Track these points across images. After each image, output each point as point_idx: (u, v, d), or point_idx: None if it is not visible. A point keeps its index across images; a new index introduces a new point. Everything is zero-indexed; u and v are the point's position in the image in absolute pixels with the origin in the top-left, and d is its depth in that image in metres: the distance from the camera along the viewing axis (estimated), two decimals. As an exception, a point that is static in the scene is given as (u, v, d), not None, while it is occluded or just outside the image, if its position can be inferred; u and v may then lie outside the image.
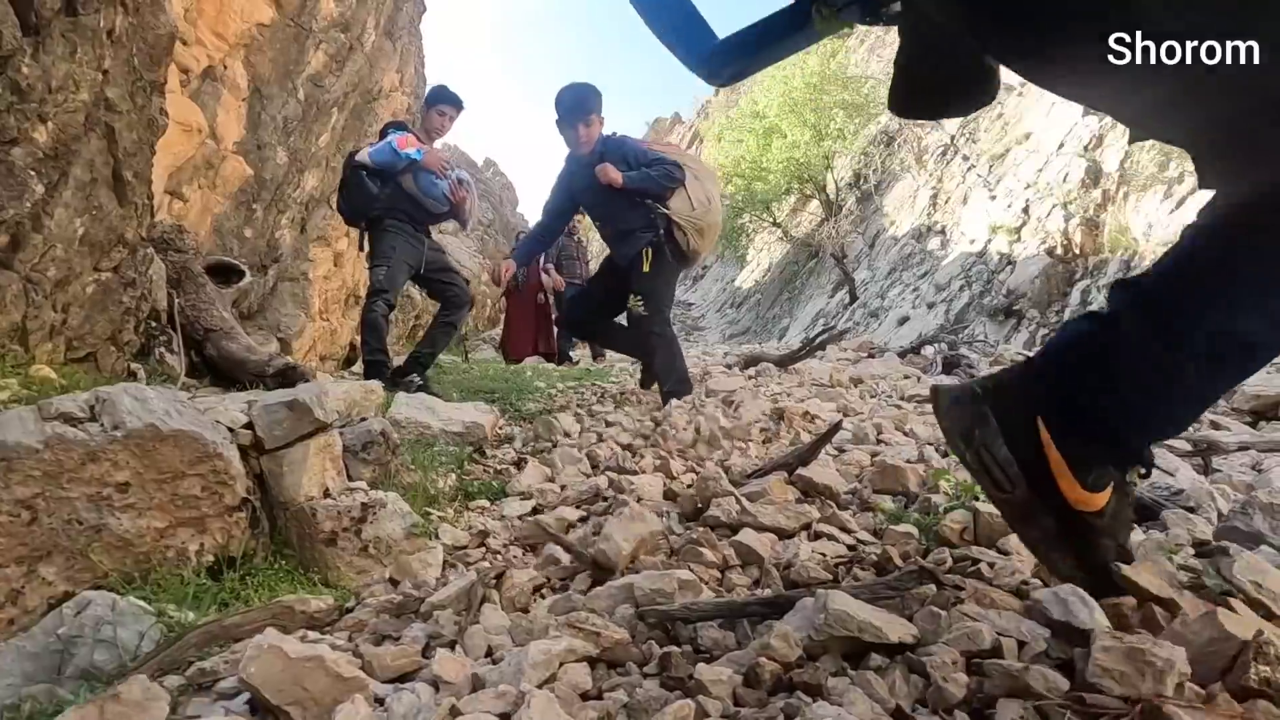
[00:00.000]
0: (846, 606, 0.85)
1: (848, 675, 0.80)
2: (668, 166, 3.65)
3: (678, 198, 3.62)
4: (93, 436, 1.24)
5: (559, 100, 3.72)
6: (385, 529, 1.53)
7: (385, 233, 4.27)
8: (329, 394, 1.64)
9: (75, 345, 2.91)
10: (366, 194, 4.22)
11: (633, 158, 3.69)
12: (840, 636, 0.83)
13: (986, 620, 0.87)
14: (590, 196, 3.76)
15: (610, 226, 3.77)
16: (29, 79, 2.10)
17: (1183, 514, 1.42)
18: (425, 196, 4.34)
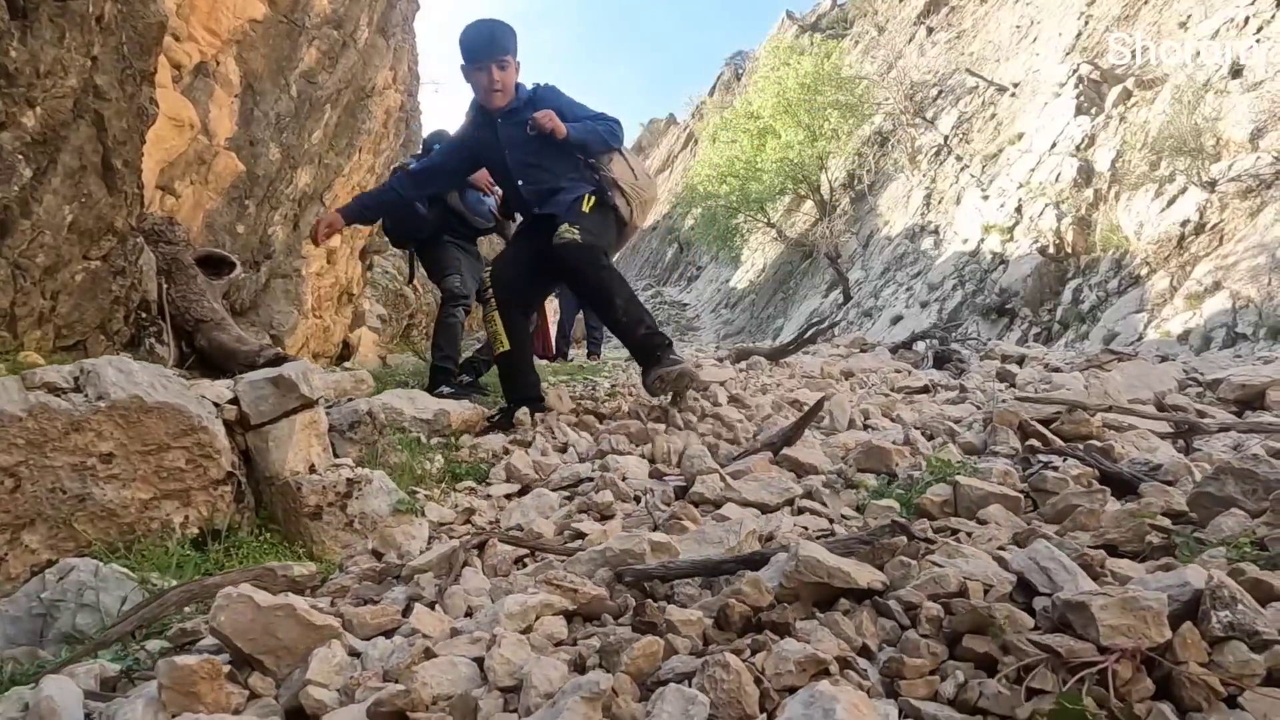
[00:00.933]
0: (816, 554, 0.86)
1: (816, 618, 0.82)
2: (610, 123, 3.29)
3: (618, 163, 3.29)
4: (76, 406, 1.25)
5: (464, 40, 3.17)
6: (371, 504, 1.54)
7: (444, 246, 4.25)
8: (311, 368, 1.64)
9: (64, 333, 2.91)
10: (414, 216, 4.09)
11: (568, 110, 3.26)
12: (810, 583, 0.84)
13: (954, 566, 0.88)
14: (515, 153, 3.22)
15: (536, 185, 3.27)
16: (16, 63, 2.11)
17: (1159, 486, 1.43)
18: (472, 214, 4.31)
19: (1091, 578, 0.84)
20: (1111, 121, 13.34)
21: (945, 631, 0.76)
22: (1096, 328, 10.47)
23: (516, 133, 3.16)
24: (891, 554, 0.95)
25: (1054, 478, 1.48)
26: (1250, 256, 8.90)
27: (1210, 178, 10.09)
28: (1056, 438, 1.99)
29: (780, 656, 0.70)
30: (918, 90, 21.82)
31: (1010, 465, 1.64)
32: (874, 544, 0.97)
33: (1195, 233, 10.01)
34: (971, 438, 2.06)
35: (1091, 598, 0.71)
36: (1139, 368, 3.52)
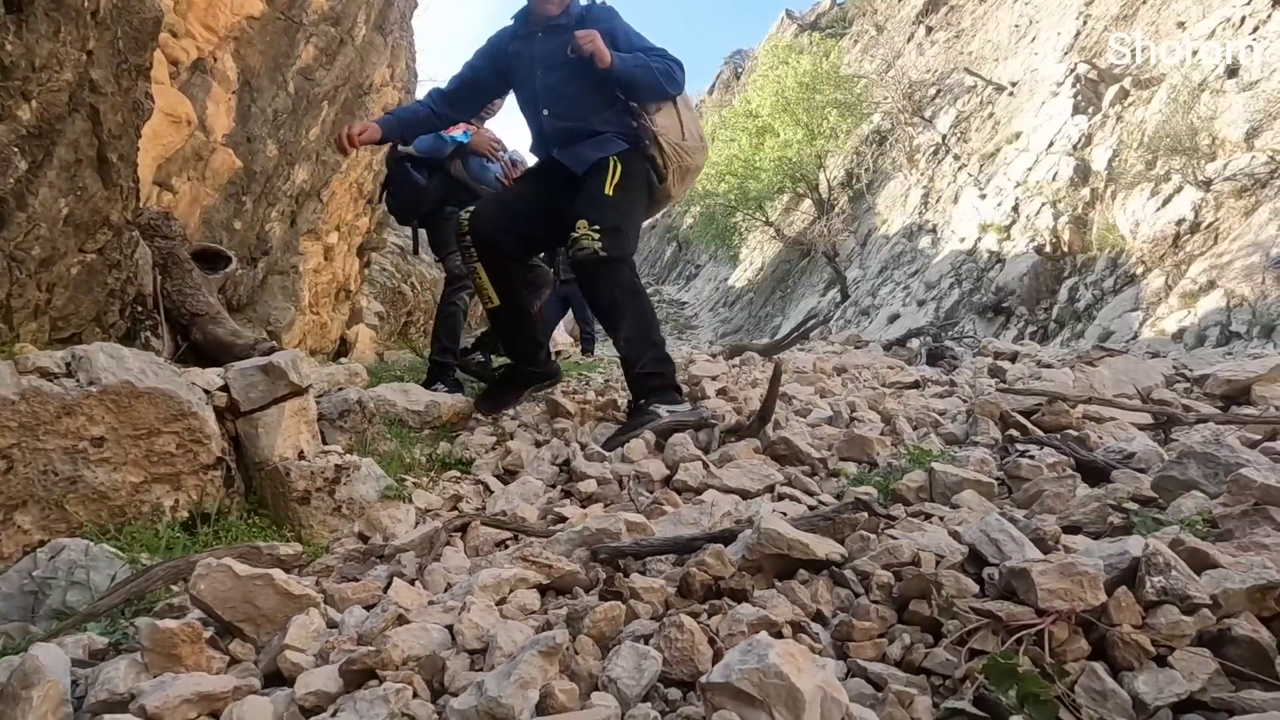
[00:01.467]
0: (777, 526, 0.89)
1: (775, 587, 0.85)
2: (670, 63, 2.70)
3: (667, 115, 2.73)
4: (68, 390, 1.28)
5: None
6: (359, 490, 1.57)
7: (446, 222, 3.78)
8: (300, 356, 1.68)
9: (60, 325, 2.93)
10: (414, 187, 3.90)
11: (623, 38, 2.70)
12: (772, 554, 0.87)
13: (910, 539, 0.91)
14: (547, 75, 2.71)
15: (564, 120, 2.74)
16: (12, 56, 2.14)
17: (1131, 473, 1.46)
18: (477, 183, 3.92)
19: (1043, 551, 0.87)
20: (1108, 121, 13.37)
21: (894, 598, 0.79)
22: (1092, 326, 10.50)
23: (555, 50, 2.62)
24: (852, 529, 0.98)
25: (1028, 465, 1.51)
26: (1244, 255, 8.93)
27: (1206, 177, 10.12)
28: (1036, 428, 2.03)
29: (734, 619, 0.73)
30: (916, 89, 21.85)
31: (988, 454, 1.67)
32: (835, 519, 1.00)
33: (1190, 231, 10.04)
34: (954, 429, 2.09)
35: (1033, 564, 0.74)
36: (1127, 363, 3.55)
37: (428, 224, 4.07)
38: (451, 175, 3.93)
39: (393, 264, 15.34)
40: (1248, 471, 1.02)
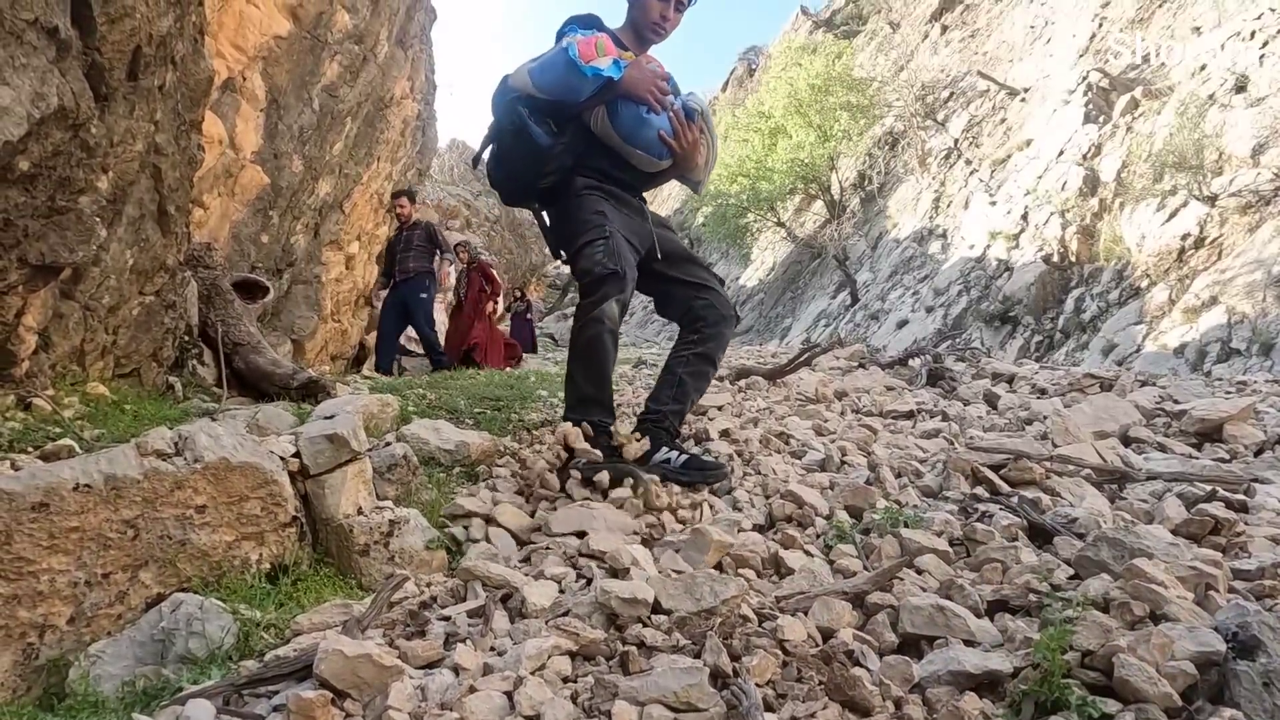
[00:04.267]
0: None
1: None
2: None
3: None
4: (179, 469, 1.54)
5: None
6: (408, 541, 1.84)
7: (581, 197, 2.60)
8: (360, 425, 1.94)
9: (122, 362, 3.22)
10: (533, 150, 2.56)
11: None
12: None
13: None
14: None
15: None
16: (96, 138, 2.40)
17: (1069, 539, 1.71)
18: (629, 145, 2.62)
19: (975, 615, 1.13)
20: (1118, 131, 13.50)
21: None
22: (1097, 338, 10.69)
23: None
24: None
25: (982, 530, 1.76)
26: (1247, 272, 9.09)
27: (1211, 192, 10.27)
28: (1004, 483, 2.27)
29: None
30: (929, 92, 21.94)
31: (951, 515, 1.92)
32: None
33: (1195, 246, 10.20)
34: (931, 480, 2.34)
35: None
36: (1107, 401, 3.78)
37: (552, 205, 2.74)
38: (592, 133, 2.64)
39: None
40: (1140, 561, 1.27)
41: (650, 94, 2.51)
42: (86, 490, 1.44)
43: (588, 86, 2.49)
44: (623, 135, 2.62)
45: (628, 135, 2.62)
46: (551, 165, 2.61)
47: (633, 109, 2.56)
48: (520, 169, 2.67)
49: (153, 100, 2.73)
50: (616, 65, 2.51)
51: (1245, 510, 2.30)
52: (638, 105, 2.55)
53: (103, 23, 2.22)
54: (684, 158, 2.69)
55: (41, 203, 2.29)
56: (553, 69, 2.51)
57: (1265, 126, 10.29)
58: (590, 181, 2.65)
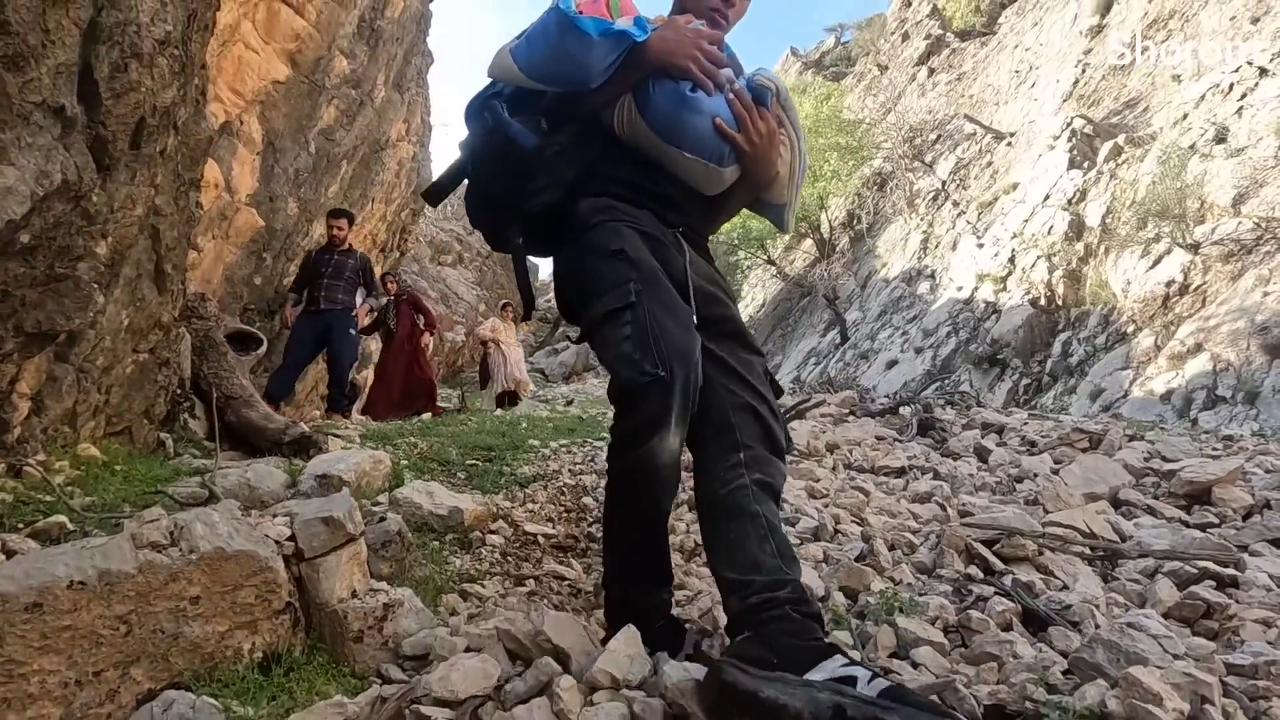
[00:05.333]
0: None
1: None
2: None
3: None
4: (174, 560, 1.54)
5: None
6: (402, 625, 1.83)
7: (592, 230, 1.70)
8: (355, 506, 1.93)
9: (114, 421, 3.20)
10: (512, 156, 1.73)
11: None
12: None
13: None
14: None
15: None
16: (97, 206, 2.42)
17: (1064, 631, 1.72)
18: (670, 144, 1.72)
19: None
20: (1103, 177, 13.74)
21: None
22: (1084, 382, 10.78)
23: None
24: None
25: (978, 618, 1.77)
26: (1230, 320, 9.22)
27: (1194, 240, 10.45)
28: (998, 559, 2.28)
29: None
30: (916, 134, 22.31)
31: (946, 600, 1.92)
32: None
33: (1179, 293, 10.35)
34: (925, 556, 2.35)
35: None
36: (1096, 461, 3.81)
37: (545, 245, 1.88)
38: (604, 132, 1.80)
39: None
40: (1136, 670, 1.28)
41: (695, 60, 1.65)
42: (80, 587, 1.43)
43: (599, 55, 1.61)
44: (660, 129, 1.69)
45: (666, 127, 1.69)
46: (540, 178, 1.72)
47: (670, 89, 1.67)
48: (497, 189, 1.76)
49: (154, 165, 2.76)
50: (640, 24, 1.69)
51: (1236, 586, 2.32)
52: (677, 82, 1.67)
53: (108, 97, 2.24)
54: (756, 158, 1.73)
55: (40, 272, 2.30)
56: (543, 38, 1.66)
57: (1245, 177, 10.51)
58: (605, 201, 1.71)
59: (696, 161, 1.72)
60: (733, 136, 1.70)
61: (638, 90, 1.71)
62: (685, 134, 1.70)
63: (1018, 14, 24.89)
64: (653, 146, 1.74)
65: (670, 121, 1.70)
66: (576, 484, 3.91)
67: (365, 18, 8.27)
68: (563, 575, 2.42)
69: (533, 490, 3.75)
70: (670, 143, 1.71)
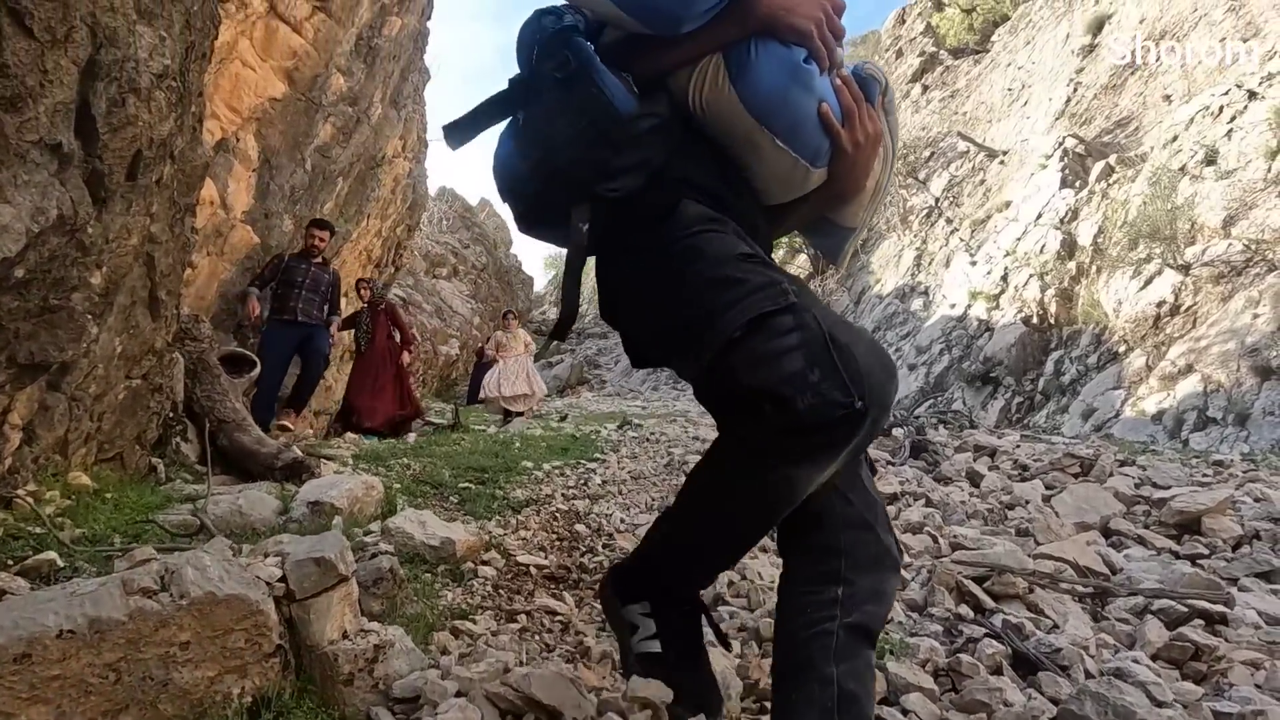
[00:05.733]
0: None
1: None
2: None
3: None
4: (165, 606, 1.53)
5: None
6: (393, 666, 1.82)
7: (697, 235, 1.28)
8: (347, 545, 1.93)
9: (105, 448, 3.19)
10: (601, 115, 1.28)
11: None
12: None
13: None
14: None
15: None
16: (92, 237, 2.42)
17: (1052, 676, 1.73)
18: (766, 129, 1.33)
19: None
20: (1094, 197, 13.84)
21: None
22: (1076, 402, 10.81)
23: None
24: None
25: (968, 662, 1.77)
26: (1221, 341, 9.28)
27: (1185, 261, 10.52)
28: (988, 597, 2.29)
29: None
30: (910, 150, 22.44)
31: (936, 642, 1.93)
32: None
33: (1170, 314, 10.42)
34: (916, 593, 2.36)
35: None
36: (1087, 490, 3.83)
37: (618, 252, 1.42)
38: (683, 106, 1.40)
39: (395, 315, 15.64)
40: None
41: (819, 24, 1.32)
42: (70, 636, 1.42)
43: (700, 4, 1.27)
44: (756, 104, 1.32)
45: (766, 103, 1.31)
46: (628, 155, 1.32)
47: (781, 55, 1.31)
48: (567, 156, 1.32)
49: (150, 195, 2.76)
50: None
51: (1225, 623, 2.33)
52: (789, 48, 1.31)
53: (105, 132, 2.25)
54: (853, 164, 1.39)
55: (34, 304, 2.30)
56: None
57: (1235, 199, 10.61)
58: (707, 210, 1.33)
59: (786, 154, 1.35)
60: (838, 131, 1.35)
61: (732, 51, 1.31)
62: (786, 116, 1.32)
63: (1010, 33, 25.13)
64: (737, 129, 1.34)
65: (773, 97, 1.31)
66: (569, 509, 3.91)
67: (363, 36, 8.32)
68: (554, 610, 2.41)
69: (525, 516, 3.76)
70: (765, 124, 1.32)
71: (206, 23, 2.95)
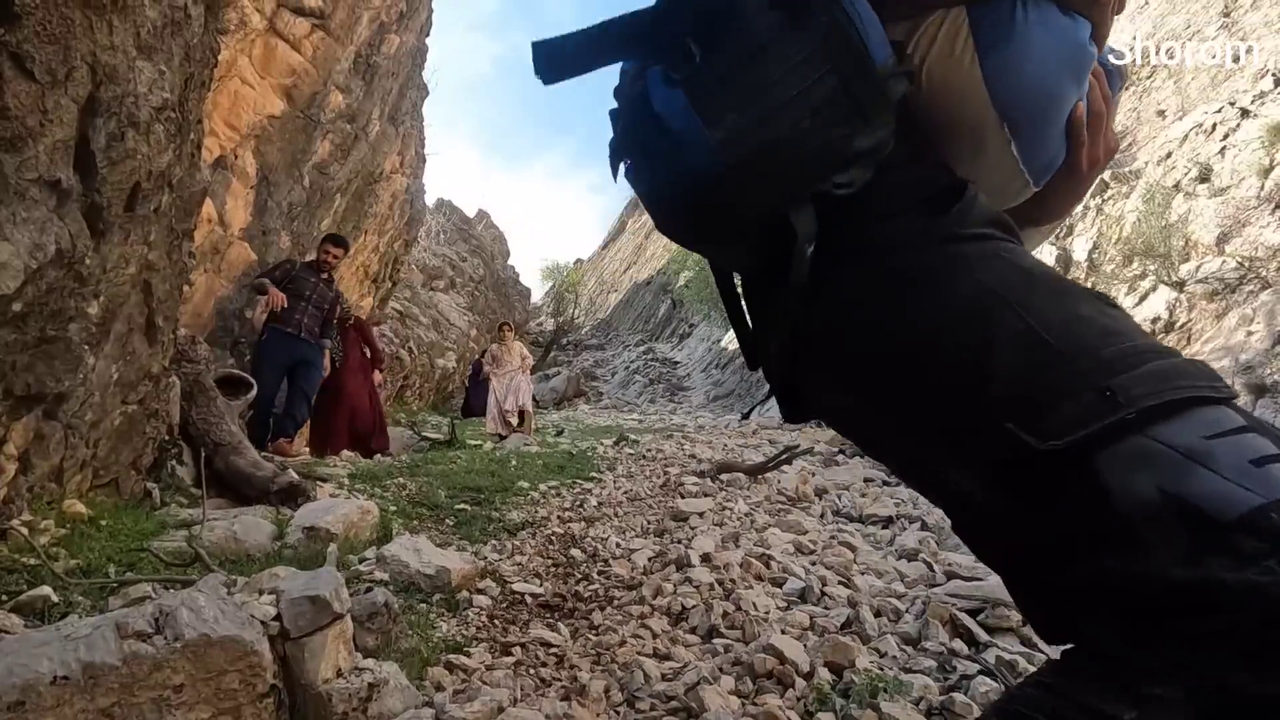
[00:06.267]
0: None
1: None
2: None
3: None
4: (159, 650, 1.54)
5: None
6: (387, 705, 1.83)
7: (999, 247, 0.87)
8: (342, 583, 1.94)
9: (100, 474, 3.19)
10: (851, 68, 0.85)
11: None
12: None
13: None
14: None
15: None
16: (90, 268, 2.43)
17: (1045, 717, 1.74)
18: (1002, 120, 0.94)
19: None
20: (1089, 213, 13.91)
21: None
22: (1072, 417, 10.81)
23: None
24: None
25: (961, 701, 1.78)
26: (1216, 358, 9.30)
27: (1179, 278, 10.57)
28: (982, 630, 2.30)
29: None
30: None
31: (930, 678, 1.94)
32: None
33: (1165, 330, 10.45)
34: (909, 625, 2.36)
35: None
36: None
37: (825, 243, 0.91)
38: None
39: (391, 329, 15.71)
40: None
41: None
42: (64, 682, 1.43)
43: None
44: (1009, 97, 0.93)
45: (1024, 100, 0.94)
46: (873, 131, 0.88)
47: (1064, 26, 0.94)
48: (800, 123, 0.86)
49: (148, 224, 2.78)
50: None
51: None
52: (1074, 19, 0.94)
53: (104, 166, 2.27)
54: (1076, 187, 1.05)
55: (31, 337, 2.31)
56: None
57: (1229, 216, 10.67)
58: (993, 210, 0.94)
59: (1013, 162, 0.98)
60: (1083, 142, 0.99)
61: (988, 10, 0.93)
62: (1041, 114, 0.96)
63: (1005, 49, 25.31)
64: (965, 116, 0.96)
65: (1037, 87, 0.94)
66: (565, 532, 3.91)
67: (362, 54, 8.36)
68: (549, 642, 2.41)
69: (521, 540, 3.76)
70: (1009, 118, 0.94)
71: (206, 54, 2.97)
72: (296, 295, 6.79)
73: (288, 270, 6.92)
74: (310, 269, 7.06)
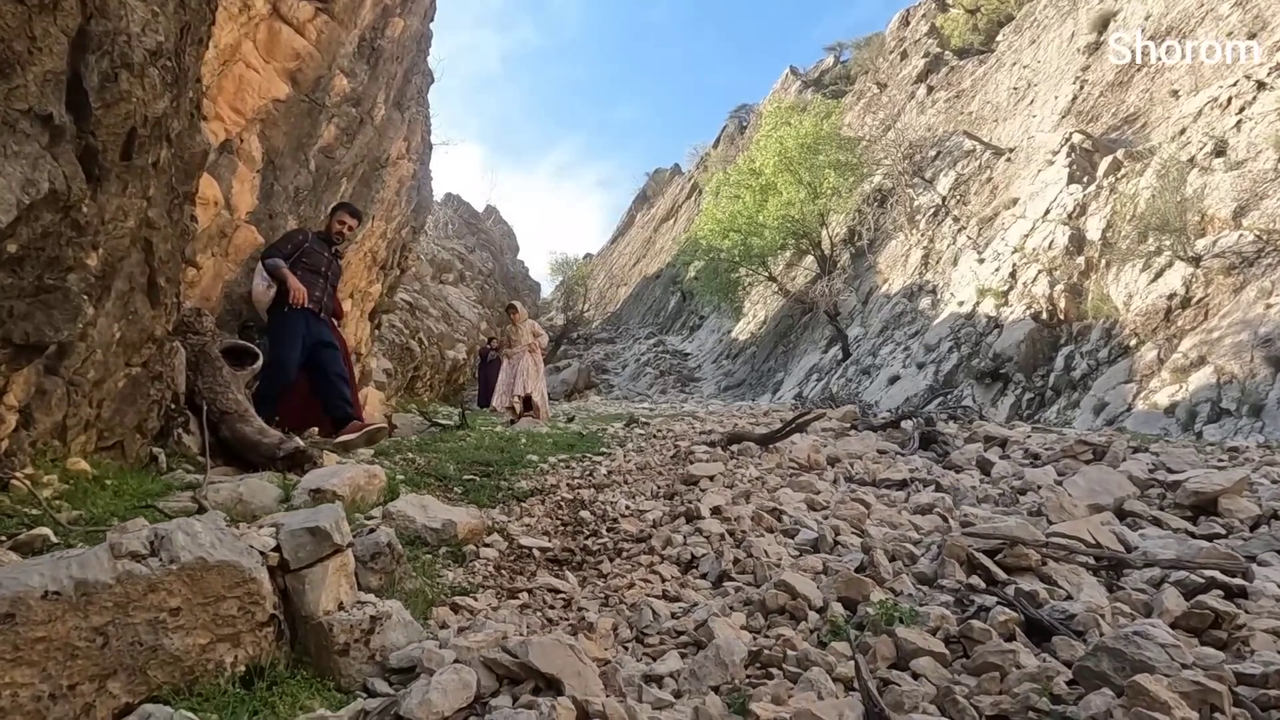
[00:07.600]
0: None
1: None
2: None
3: None
4: (154, 570, 1.50)
5: None
6: (390, 638, 1.79)
7: None
8: (342, 516, 1.90)
9: (105, 436, 3.17)
10: None
11: None
12: None
13: None
14: None
15: None
16: (87, 216, 2.40)
17: (1067, 640, 1.67)
18: None
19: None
20: (1102, 191, 13.74)
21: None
22: (1087, 396, 10.70)
23: None
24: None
25: (979, 628, 1.72)
26: (1234, 333, 9.17)
27: (1195, 253, 10.42)
28: (1000, 569, 2.23)
29: None
30: (916, 150, 22.38)
31: (947, 611, 1.88)
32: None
33: (1181, 306, 10.30)
34: (926, 566, 2.30)
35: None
36: (1100, 473, 3.75)
37: None
38: None
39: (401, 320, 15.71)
40: (1142, 678, 1.23)
41: None
42: (55, 598, 1.39)
43: None
44: None
45: None
46: None
47: None
48: None
49: (146, 177, 2.74)
50: None
51: (1245, 596, 2.27)
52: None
53: (98, 107, 2.23)
54: None
55: (29, 283, 2.28)
56: None
57: (1245, 189, 10.51)
58: None
59: None
60: None
61: None
62: None
63: (1015, 32, 25.09)
64: None
65: None
66: (575, 498, 3.87)
67: (366, 37, 8.32)
68: (557, 588, 2.37)
69: (530, 504, 3.71)
70: None
71: (202, 5, 2.93)
72: (313, 271, 6.38)
73: (300, 243, 6.51)
74: (322, 240, 6.68)
